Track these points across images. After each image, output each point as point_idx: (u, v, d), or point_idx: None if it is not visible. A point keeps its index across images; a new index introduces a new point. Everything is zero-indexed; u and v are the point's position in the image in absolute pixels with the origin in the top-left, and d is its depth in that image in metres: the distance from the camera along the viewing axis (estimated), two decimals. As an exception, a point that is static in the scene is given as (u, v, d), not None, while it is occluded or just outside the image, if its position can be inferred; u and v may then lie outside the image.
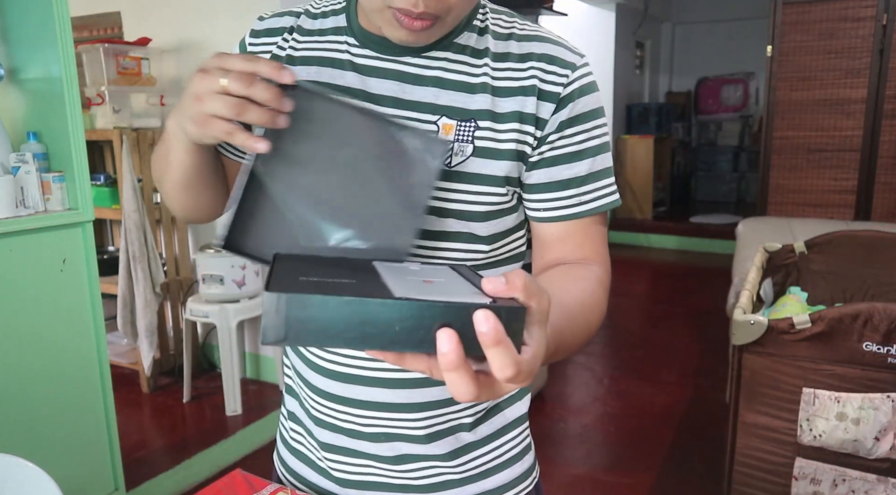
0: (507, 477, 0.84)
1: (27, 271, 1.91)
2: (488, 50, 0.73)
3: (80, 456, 2.07)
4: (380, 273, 0.53)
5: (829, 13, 3.54)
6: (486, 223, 0.73)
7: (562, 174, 0.73)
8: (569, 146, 0.73)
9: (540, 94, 0.72)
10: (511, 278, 0.45)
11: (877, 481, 1.67)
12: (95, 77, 2.94)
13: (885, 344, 1.62)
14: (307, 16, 0.80)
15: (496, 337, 0.42)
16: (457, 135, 0.71)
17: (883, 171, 3.57)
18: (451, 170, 0.71)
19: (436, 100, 0.71)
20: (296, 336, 0.44)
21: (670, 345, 3.90)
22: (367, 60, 0.74)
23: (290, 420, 0.89)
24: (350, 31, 0.76)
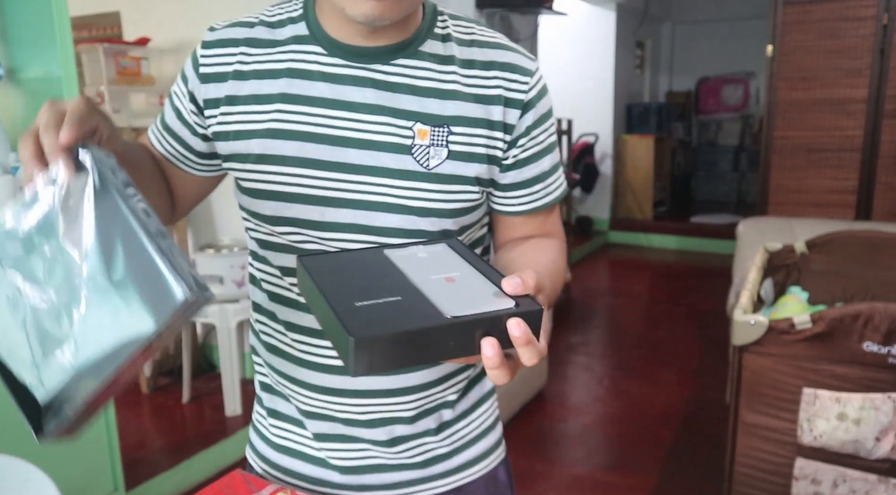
0: (484, 446, 0.91)
1: (27, 271, 1.91)
2: (454, 57, 0.78)
3: (79, 456, 2.07)
4: (410, 279, 0.60)
5: (829, 13, 3.53)
6: (459, 219, 0.79)
7: (531, 172, 0.82)
8: (535, 146, 0.81)
9: (506, 102, 0.78)
10: (525, 279, 0.56)
11: (877, 481, 1.67)
12: (95, 77, 2.94)
13: (885, 344, 1.61)
14: (263, 26, 0.79)
15: (526, 339, 0.54)
16: (432, 139, 0.75)
17: (883, 171, 3.57)
18: (430, 172, 0.75)
19: (411, 106, 0.75)
20: (378, 367, 0.53)
21: (670, 345, 3.89)
22: (337, 68, 0.75)
23: (271, 417, 0.90)
24: (315, 40, 0.77)
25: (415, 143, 0.75)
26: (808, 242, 2.42)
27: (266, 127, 0.76)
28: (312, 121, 0.75)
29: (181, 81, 0.82)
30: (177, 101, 0.83)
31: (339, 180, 0.75)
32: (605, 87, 6.50)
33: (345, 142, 0.75)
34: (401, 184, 0.75)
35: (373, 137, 0.75)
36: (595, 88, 6.49)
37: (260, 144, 0.76)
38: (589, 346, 4.00)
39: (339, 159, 0.75)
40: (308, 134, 0.75)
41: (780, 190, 3.79)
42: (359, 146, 0.75)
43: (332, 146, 0.75)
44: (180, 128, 0.83)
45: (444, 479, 0.88)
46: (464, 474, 0.89)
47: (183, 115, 0.82)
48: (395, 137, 0.75)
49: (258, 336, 0.88)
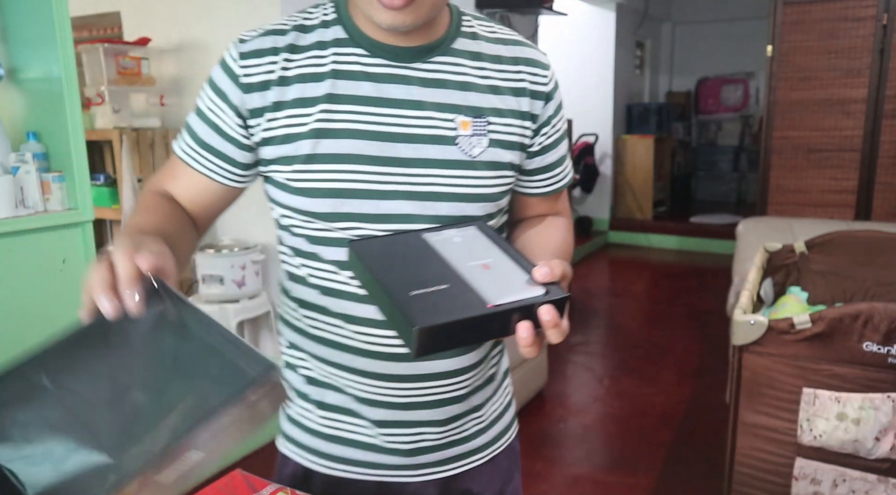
0: (507, 419, 1.02)
1: (27, 271, 1.91)
2: (483, 53, 0.85)
3: (79, 457, 2.07)
4: (452, 266, 0.71)
5: (829, 13, 3.53)
6: (499, 202, 0.87)
7: (552, 157, 0.92)
8: (554, 134, 0.91)
9: (532, 94, 0.87)
10: (553, 268, 0.69)
11: (877, 481, 1.67)
12: (95, 77, 2.93)
13: (885, 344, 1.61)
14: (300, 31, 0.82)
15: (554, 322, 0.67)
16: (474, 130, 0.83)
17: (883, 171, 3.57)
18: (474, 160, 0.83)
19: (451, 100, 0.82)
20: (433, 350, 0.65)
21: (670, 345, 3.89)
22: (380, 68, 0.80)
23: (320, 409, 0.92)
24: (355, 43, 0.81)
25: (458, 134, 0.82)
26: (807, 242, 2.42)
27: (313, 127, 0.79)
28: (360, 119, 0.79)
29: (217, 97, 0.82)
30: (214, 117, 0.83)
31: (391, 174, 0.80)
32: (604, 87, 6.50)
33: (393, 137, 0.80)
34: (448, 173, 0.81)
35: (419, 131, 0.80)
36: (595, 88, 6.49)
37: (310, 144, 0.79)
38: (589, 346, 4.00)
39: (389, 154, 0.80)
40: (358, 131, 0.79)
41: (779, 190, 3.79)
42: (406, 140, 0.80)
43: (382, 142, 0.79)
44: (221, 143, 0.83)
45: (482, 453, 0.96)
46: (496, 446, 0.98)
47: (224, 130, 0.83)
48: (440, 130, 0.81)
49: (304, 332, 0.90)
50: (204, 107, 0.84)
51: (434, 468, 0.92)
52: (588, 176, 6.37)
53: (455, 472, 0.93)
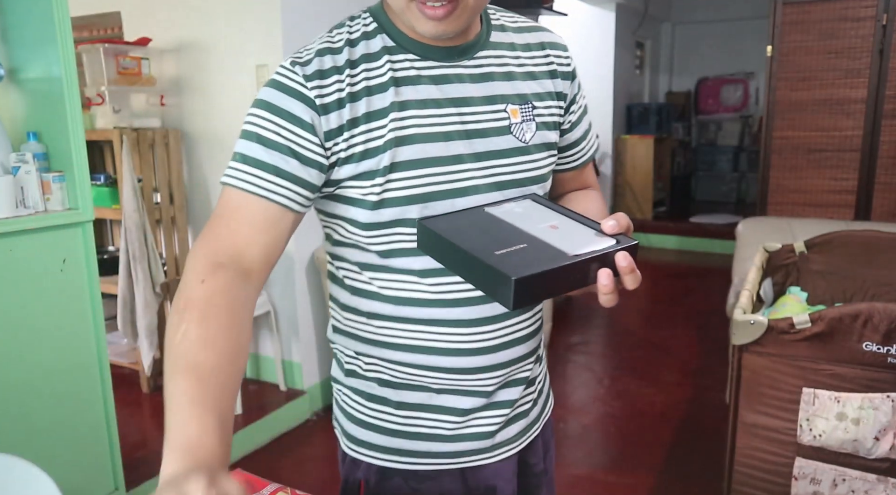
0: (548, 387, 1.09)
1: (27, 271, 1.91)
2: (515, 44, 0.91)
3: (80, 456, 2.07)
4: (523, 230, 0.76)
5: (829, 13, 3.54)
6: (548, 182, 0.93)
7: (579, 133, 0.98)
8: (578, 111, 0.97)
9: (561, 75, 0.93)
10: (619, 220, 0.75)
11: (877, 481, 1.67)
12: (95, 77, 2.93)
13: (885, 344, 1.62)
14: (350, 45, 0.83)
15: (630, 267, 0.72)
16: (522, 116, 0.88)
17: (883, 171, 3.57)
18: (528, 145, 0.88)
19: (500, 91, 0.87)
20: (528, 301, 0.70)
21: (670, 345, 3.90)
22: (434, 70, 0.84)
23: (402, 409, 0.93)
24: (404, 49, 0.84)
25: (511, 123, 0.87)
26: (807, 242, 2.42)
27: (389, 137, 0.80)
28: (426, 121, 0.82)
29: (287, 122, 0.79)
30: (287, 142, 0.79)
31: (462, 171, 0.83)
32: (604, 88, 6.50)
33: (458, 135, 0.83)
34: (510, 161, 0.86)
35: (479, 126, 0.85)
36: (595, 88, 6.49)
37: (389, 155, 0.80)
38: (589, 346, 4.00)
39: (458, 151, 0.83)
40: (427, 134, 0.82)
41: (779, 190, 3.79)
42: (470, 136, 0.84)
43: (449, 141, 0.83)
44: (300, 168, 0.79)
45: (536, 425, 1.02)
46: (542, 418, 1.04)
47: (303, 154, 0.79)
48: (496, 122, 0.86)
49: (376, 343, 0.90)
50: (270, 134, 0.79)
51: (510, 445, 0.97)
52: (588, 176, 6.36)
53: (523, 446, 0.99)
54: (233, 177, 0.79)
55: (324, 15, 2.96)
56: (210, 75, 2.99)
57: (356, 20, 0.86)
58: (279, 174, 0.79)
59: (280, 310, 3.03)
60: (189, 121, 3.09)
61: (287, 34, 2.79)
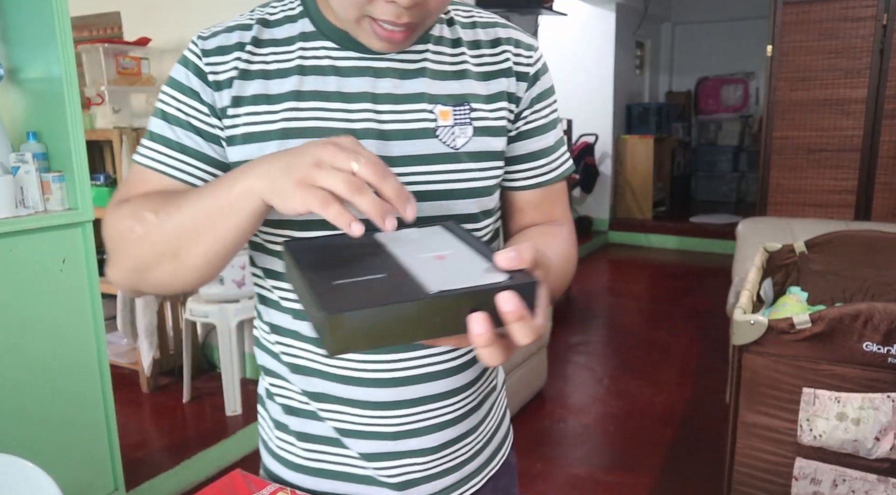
0: (503, 432, 0.94)
1: (27, 271, 1.91)
2: (461, 39, 0.79)
3: (80, 456, 2.07)
4: (397, 258, 0.58)
5: (829, 13, 3.53)
6: (491, 197, 0.80)
7: (535, 145, 0.83)
8: (539, 120, 0.82)
9: (516, 75, 0.80)
10: (520, 251, 0.54)
11: (877, 481, 1.67)
12: (95, 77, 2.94)
13: (885, 344, 1.61)
14: (262, 25, 0.76)
15: (518, 314, 0.51)
16: (455, 119, 0.76)
17: (883, 171, 3.57)
18: (459, 151, 0.76)
19: (429, 89, 0.75)
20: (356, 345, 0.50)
21: (670, 345, 3.89)
22: (351, 61, 0.74)
23: (302, 441, 0.83)
24: (324, 36, 0.75)
25: (439, 125, 0.75)
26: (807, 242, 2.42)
27: (280, 127, 0.73)
28: (330, 116, 0.73)
29: (187, 97, 0.76)
30: (189, 118, 0.76)
31: None
32: (604, 87, 6.50)
33: (367, 134, 0.73)
34: (430, 168, 0.74)
35: (395, 126, 0.74)
36: (595, 88, 6.49)
37: (275, 145, 0.72)
38: (589, 346, 4.00)
39: None
40: (327, 130, 0.72)
41: (779, 190, 3.79)
42: (381, 137, 0.73)
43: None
44: (202, 144, 0.75)
45: (478, 476, 0.88)
46: (492, 465, 0.90)
47: (204, 130, 0.75)
48: (419, 123, 0.74)
49: (278, 357, 0.82)
50: (172, 110, 0.76)
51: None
52: (588, 176, 6.37)
53: None
54: (140, 154, 0.78)
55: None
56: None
57: (282, 1, 0.79)
58: (183, 150, 0.76)
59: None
60: (189, 121, 3.09)
61: (287, 34, 2.79)
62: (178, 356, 3.17)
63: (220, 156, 0.76)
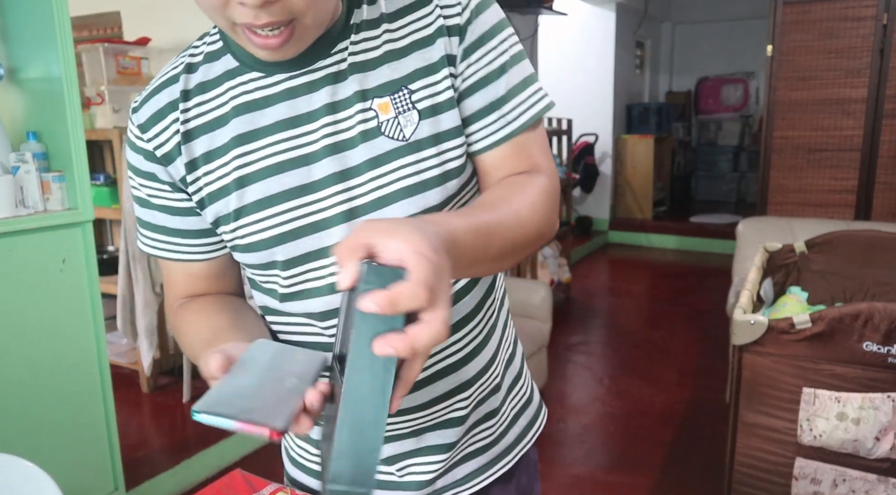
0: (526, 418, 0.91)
1: (27, 271, 1.91)
2: (383, 15, 0.71)
3: (80, 456, 2.07)
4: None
5: (829, 13, 3.53)
6: (457, 179, 0.72)
7: (482, 101, 0.72)
8: (479, 71, 0.71)
9: (448, 31, 0.70)
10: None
11: (877, 481, 1.67)
12: (95, 77, 2.94)
13: (885, 344, 1.61)
14: (188, 72, 0.73)
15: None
16: (396, 109, 0.69)
17: (883, 171, 3.57)
18: (410, 140, 0.69)
19: (361, 85, 0.69)
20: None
21: (670, 345, 3.89)
22: (281, 85, 0.70)
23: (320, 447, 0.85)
24: (248, 67, 0.71)
25: (381, 121, 0.69)
26: (807, 242, 2.42)
27: (234, 177, 0.70)
28: (278, 149, 0.69)
29: (151, 181, 0.74)
30: (162, 201, 0.75)
31: (327, 197, 0.69)
32: (604, 87, 6.50)
33: (321, 154, 0.69)
34: (389, 168, 0.69)
35: (344, 136, 0.69)
36: (595, 88, 6.49)
37: (236, 198, 0.70)
38: (589, 346, 4.00)
39: (318, 176, 0.69)
40: (277, 165, 0.69)
41: (779, 190, 3.79)
42: (330, 152, 0.69)
43: (305, 166, 0.69)
44: (184, 222, 0.75)
45: (495, 466, 0.86)
46: (509, 457, 0.88)
47: (178, 208, 0.75)
48: (360, 125, 0.69)
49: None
50: (143, 195, 0.76)
51: (453, 490, 0.84)
52: (588, 176, 6.37)
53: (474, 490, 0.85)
54: (141, 243, 0.80)
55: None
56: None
57: (203, 38, 0.74)
58: (173, 233, 0.76)
59: (280, 310, 3.03)
60: (189, 121, 3.09)
61: (287, 34, 2.79)
62: (178, 356, 3.17)
63: (205, 225, 0.75)
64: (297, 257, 0.71)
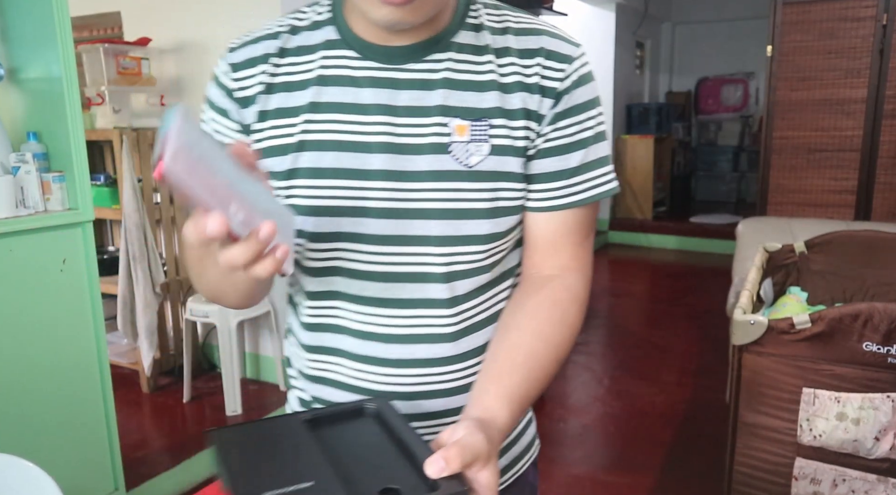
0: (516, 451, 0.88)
1: (27, 271, 1.91)
2: (489, 46, 0.74)
3: (80, 456, 2.07)
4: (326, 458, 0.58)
5: (829, 13, 3.53)
6: (502, 219, 0.74)
7: (554, 165, 0.75)
8: (562, 138, 0.74)
9: (542, 91, 0.73)
10: (449, 458, 0.54)
11: (877, 481, 1.67)
12: (95, 77, 2.94)
13: (885, 344, 1.62)
14: (290, 33, 0.76)
15: None
16: (472, 135, 0.72)
17: (883, 171, 3.57)
18: (471, 170, 0.71)
19: (446, 102, 0.72)
20: None
21: (670, 345, 3.90)
22: (369, 72, 0.72)
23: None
24: (346, 44, 0.74)
25: (452, 141, 0.71)
26: (807, 242, 2.42)
27: (297, 140, 0.73)
28: (343, 128, 0.72)
29: (222, 116, 0.77)
30: (225, 138, 0.77)
31: (369, 188, 0.71)
32: (604, 87, 6.49)
33: (378, 148, 0.71)
34: (438, 186, 0.71)
35: (410, 140, 0.71)
36: (595, 88, 6.49)
37: (291, 159, 0.73)
38: (589, 346, 4.00)
39: (369, 166, 0.71)
40: (339, 143, 0.72)
41: (779, 190, 3.79)
42: (392, 151, 0.71)
43: (363, 153, 0.71)
44: None
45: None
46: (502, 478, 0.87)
47: None
48: (432, 137, 0.71)
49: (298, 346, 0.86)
50: (210, 129, 0.78)
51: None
52: (588, 176, 6.37)
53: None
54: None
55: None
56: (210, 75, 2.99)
57: (313, 7, 0.78)
58: None
59: (280, 310, 3.03)
60: (189, 121, 3.08)
61: (287, 34, 2.79)
62: (178, 356, 3.17)
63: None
64: (327, 234, 0.73)
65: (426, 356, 0.76)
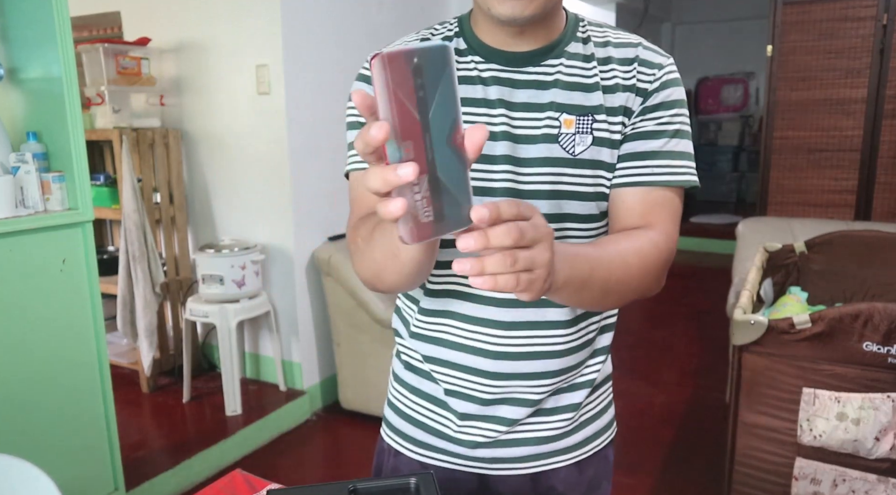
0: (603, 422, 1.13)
1: (27, 271, 1.91)
2: (594, 55, 0.88)
3: (79, 457, 2.07)
4: None
5: (829, 13, 3.53)
6: (597, 203, 0.87)
7: (639, 147, 0.86)
8: (646, 125, 0.86)
9: (637, 91, 0.86)
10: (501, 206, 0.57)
11: (877, 481, 1.67)
12: (95, 77, 2.94)
13: (885, 344, 1.62)
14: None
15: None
16: (577, 128, 0.85)
17: (883, 171, 3.57)
18: (576, 158, 0.84)
19: (557, 99, 0.85)
20: None
21: (670, 345, 3.89)
22: (493, 72, 0.86)
23: (415, 395, 0.99)
24: (473, 51, 0.88)
25: (561, 132, 0.84)
26: (807, 242, 2.42)
27: None
28: (475, 120, 0.84)
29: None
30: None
31: (493, 171, 0.84)
32: (604, 87, 6.50)
33: (501, 136, 0.84)
34: (550, 170, 0.84)
35: (525, 131, 0.85)
36: (595, 88, 6.49)
37: None
38: (589, 346, 4.00)
39: (497, 152, 0.84)
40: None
41: (779, 190, 3.79)
42: (510, 139, 0.84)
43: (491, 141, 0.84)
44: None
45: (563, 455, 0.99)
46: (581, 450, 1.02)
47: None
48: (544, 129, 0.84)
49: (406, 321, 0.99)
50: (353, 120, 0.90)
51: (514, 464, 0.96)
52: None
53: (536, 470, 0.97)
54: (347, 164, 0.92)
55: (324, 14, 2.96)
56: (210, 75, 2.99)
57: (444, 24, 0.93)
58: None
59: (280, 310, 3.03)
60: (189, 121, 3.08)
61: (287, 34, 2.79)
62: (178, 356, 3.17)
63: None
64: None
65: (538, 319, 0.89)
